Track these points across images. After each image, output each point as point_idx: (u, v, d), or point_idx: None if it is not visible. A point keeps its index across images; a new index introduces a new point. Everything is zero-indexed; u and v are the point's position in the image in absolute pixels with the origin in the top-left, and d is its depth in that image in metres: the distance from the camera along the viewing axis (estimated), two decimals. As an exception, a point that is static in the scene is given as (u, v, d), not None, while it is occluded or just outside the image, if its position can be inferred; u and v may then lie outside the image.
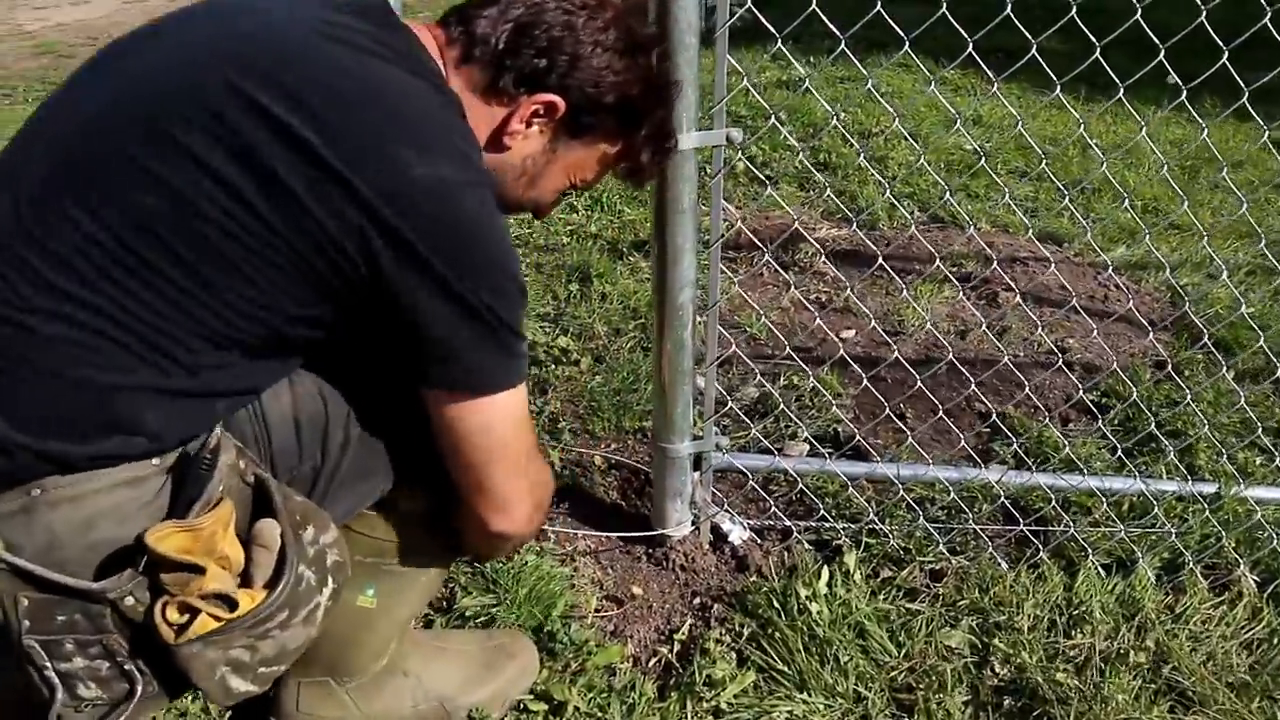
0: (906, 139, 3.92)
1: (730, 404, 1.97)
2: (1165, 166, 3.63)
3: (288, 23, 1.02)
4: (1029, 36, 1.46)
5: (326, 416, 1.07)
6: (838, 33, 1.45)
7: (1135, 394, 1.99)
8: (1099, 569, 1.68)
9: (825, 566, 1.65)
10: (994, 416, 2.02)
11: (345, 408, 1.09)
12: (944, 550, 1.71)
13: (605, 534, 1.78)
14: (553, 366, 2.32)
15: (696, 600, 1.65)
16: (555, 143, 1.18)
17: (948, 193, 2.91)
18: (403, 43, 1.06)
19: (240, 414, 1.03)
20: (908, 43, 1.45)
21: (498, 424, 1.08)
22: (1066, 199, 3.44)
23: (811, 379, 2.21)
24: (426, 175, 0.97)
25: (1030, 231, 3.17)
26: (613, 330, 2.49)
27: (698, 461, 1.72)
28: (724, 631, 1.57)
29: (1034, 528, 1.76)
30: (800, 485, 1.83)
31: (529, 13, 1.11)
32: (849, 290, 2.67)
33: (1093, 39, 1.45)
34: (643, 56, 1.18)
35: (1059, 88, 1.59)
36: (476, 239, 1.00)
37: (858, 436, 1.98)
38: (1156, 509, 1.77)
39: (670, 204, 1.45)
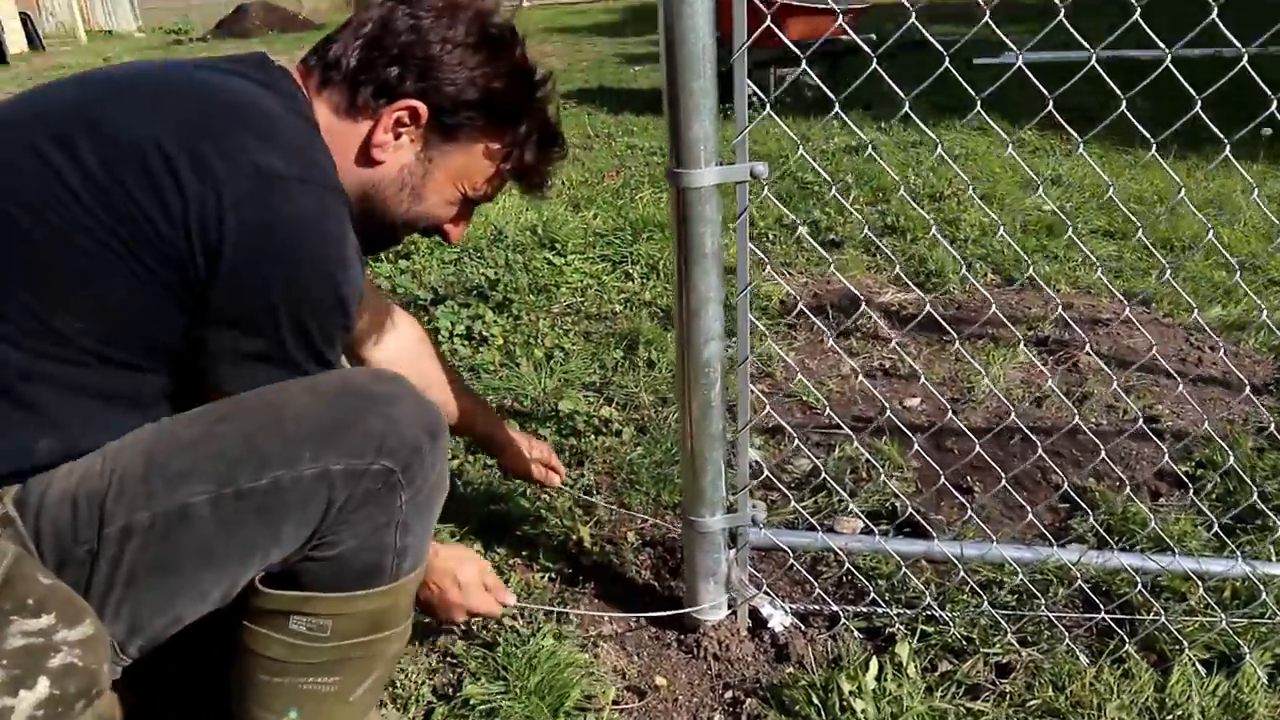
0: (979, 202, 3.76)
1: (766, 473, 1.81)
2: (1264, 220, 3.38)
3: (157, 68, 1.09)
4: (1118, 92, 1.32)
5: (105, 496, 0.94)
6: (900, 93, 1.33)
7: (1233, 461, 1.76)
8: (1197, 665, 1.45)
9: (875, 657, 1.46)
10: (1071, 490, 1.81)
11: (142, 491, 0.94)
12: (1013, 641, 1.50)
13: (631, 614, 1.63)
14: (592, 437, 2.19)
15: (729, 694, 1.47)
16: (429, 150, 1.17)
17: (1023, 253, 2.73)
18: (262, 69, 1.09)
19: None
20: (979, 102, 1.33)
21: None
22: (1157, 258, 3.21)
23: (866, 451, 2.03)
24: (259, 164, 0.97)
25: (1114, 293, 2.96)
26: (659, 400, 2.36)
27: (735, 538, 1.56)
28: (756, 731, 1.39)
29: (1119, 616, 1.55)
30: (849, 565, 1.65)
31: (376, 27, 1.12)
32: (913, 356, 2.50)
33: (1191, 92, 1.30)
34: (503, 50, 1.16)
35: (1154, 146, 1.43)
36: (302, 243, 0.99)
37: (912, 510, 1.79)
38: (1264, 595, 1.54)
39: (691, 248, 1.33)
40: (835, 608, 1.60)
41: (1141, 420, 2.14)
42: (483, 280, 3.08)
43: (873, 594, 1.60)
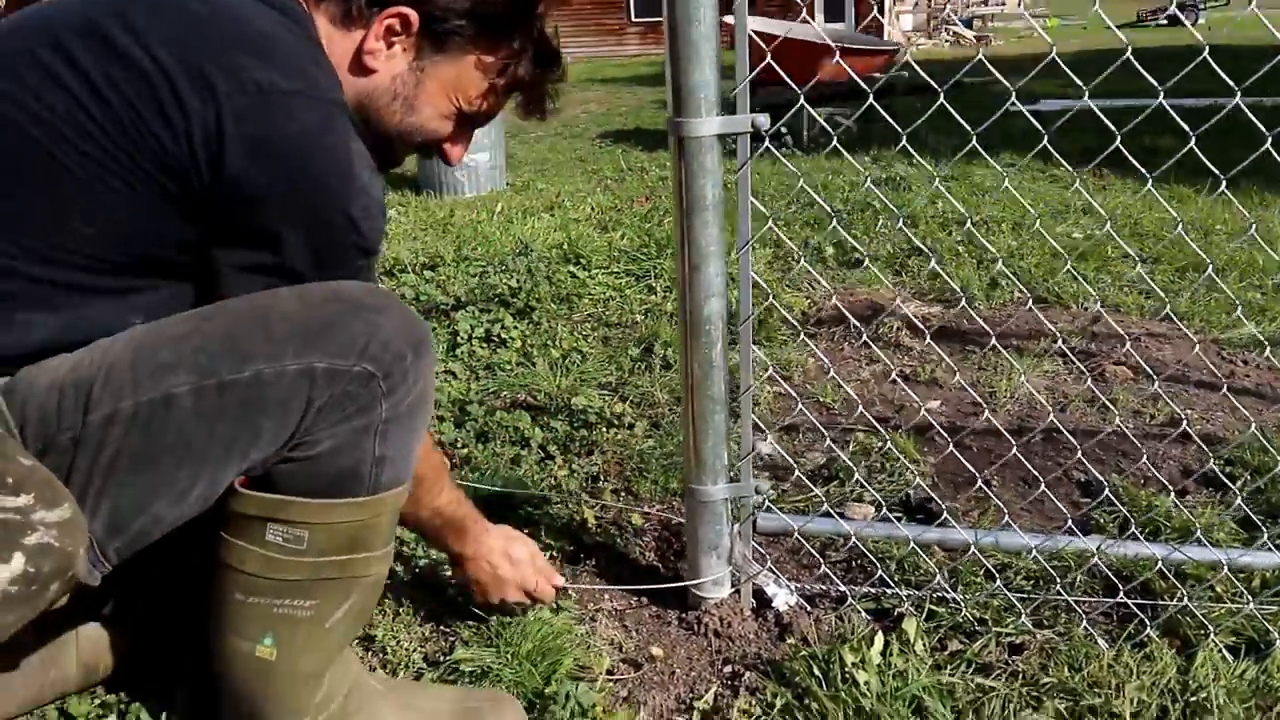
0: (1009, 227, 3.73)
1: (772, 450, 1.77)
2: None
3: None
4: (1189, 130, 1.34)
5: (92, 384, 0.94)
6: (918, 135, 1.32)
7: (1276, 458, 1.69)
8: (1223, 650, 1.38)
9: (881, 634, 1.40)
10: (1093, 482, 1.75)
11: (128, 380, 0.94)
12: (1026, 622, 1.44)
13: (630, 589, 1.58)
14: (604, 429, 2.16)
15: (728, 668, 1.42)
16: (421, 59, 1.16)
17: (1056, 268, 2.69)
18: None
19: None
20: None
21: None
22: (1187, 280, 3.14)
23: (886, 442, 1.98)
24: (259, 80, 0.96)
25: (1145, 312, 2.89)
26: (674, 398, 2.32)
27: (739, 513, 1.52)
28: (754, 702, 1.33)
29: (1140, 601, 1.48)
30: (858, 543, 1.59)
31: None
32: (934, 363, 2.45)
33: (1262, 129, 1.28)
34: None
35: (1221, 184, 1.41)
36: (306, 156, 0.98)
37: (928, 495, 1.73)
38: (1296, 584, 1.46)
39: (692, 200, 1.31)
40: (843, 588, 1.55)
41: (1169, 425, 2.07)
42: (505, 289, 3.09)
43: (880, 573, 1.54)
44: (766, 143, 1.38)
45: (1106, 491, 1.72)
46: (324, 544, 1.06)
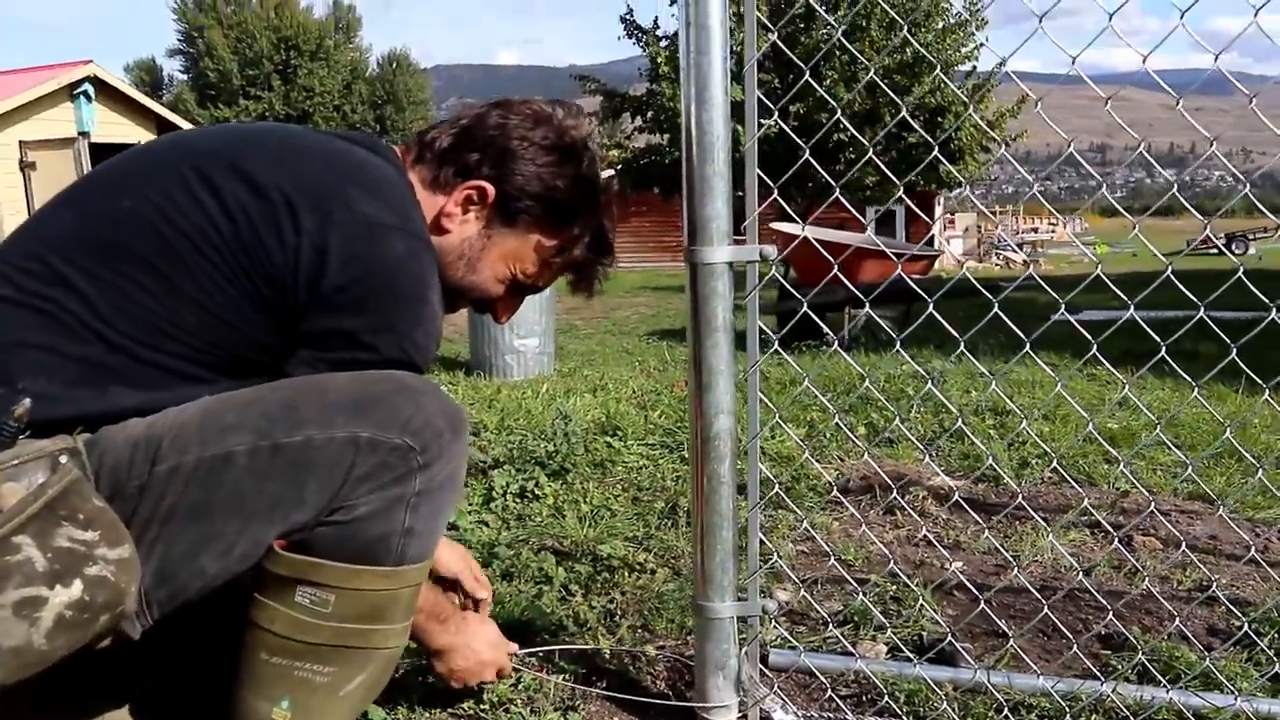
0: (1042, 415, 3.78)
1: (781, 604, 1.79)
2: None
3: (290, 129, 1.29)
4: (1227, 340, 1.44)
5: (162, 440, 1.05)
6: (956, 334, 1.47)
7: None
8: (1242, 791, 1.33)
9: (886, 758, 1.39)
10: (1117, 638, 1.73)
11: (195, 437, 1.06)
12: (1038, 755, 1.42)
13: (640, 709, 1.58)
14: (626, 573, 2.20)
15: (731, 787, 1.41)
16: (490, 229, 1.34)
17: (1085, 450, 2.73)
18: (374, 142, 1.30)
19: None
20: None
21: None
22: (1224, 465, 3.14)
23: (905, 589, 1.99)
24: (367, 213, 1.14)
25: (1178, 493, 2.89)
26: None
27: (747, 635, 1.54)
28: (754, 816, 1.31)
29: (1156, 741, 1.45)
30: (871, 685, 1.59)
31: (471, 120, 1.34)
32: (959, 530, 2.46)
33: None
34: (571, 158, 1.35)
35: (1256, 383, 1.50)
36: (393, 277, 1.16)
37: (949, 639, 1.73)
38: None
39: (703, 322, 1.43)
40: (851, 717, 1.54)
41: (1197, 590, 2.05)
42: (543, 452, 3.19)
43: (887, 697, 1.53)
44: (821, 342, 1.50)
45: (1128, 640, 1.71)
46: (347, 610, 1.12)
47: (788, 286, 5.10)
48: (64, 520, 0.95)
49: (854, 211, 1.55)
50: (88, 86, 14.11)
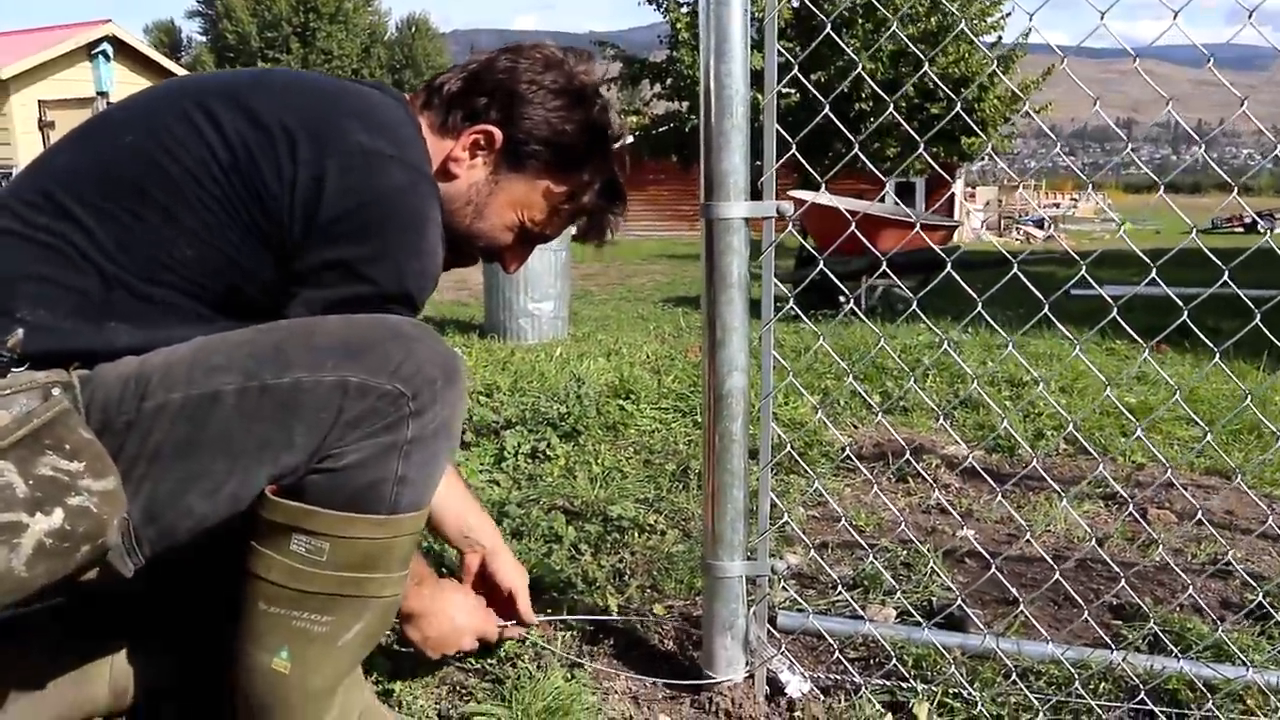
0: (1059, 388, 3.74)
1: (790, 567, 1.78)
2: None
3: (296, 71, 1.30)
4: (1254, 309, 1.42)
5: (151, 377, 1.05)
6: (974, 295, 1.44)
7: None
8: (1251, 760, 1.33)
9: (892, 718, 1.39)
10: (1130, 609, 1.72)
11: (183, 375, 1.05)
12: (1045, 720, 1.41)
13: (647, 678, 1.58)
14: (636, 534, 2.20)
15: (736, 745, 1.41)
16: (497, 174, 1.32)
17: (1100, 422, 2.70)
18: (382, 85, 1.29)
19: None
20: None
21: None
22: (1244, 442, 3.11)
23: (916, 555, 1.98)
24: (364, 143, 1.13)
25: (1194, 467, 2.87)
26: (709, 515, 2.35)
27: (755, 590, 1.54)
28: (758, 773, 1.32)
29: (1165, 709, 1.44)
30: (878, 648, 1.58)
31: (481, 64, 1.32)
32: (971, 499, 2.45)
33: None
34: (581, 102, 1.32)
35: None
36: (390, 206, 1.14)
37: (959, 605, 1.72)
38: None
39: (718, 278, 1.41)
40: (858, 679, 1.53)
41: (1211, 563, 2.04)
42: (555, 414, 3.19)
43: (895, 660, 1.53)
44: (845, 309, 1.48)
45: (1141, 610, 1.70)
46: (343, 559, 1.12)
47: (807, 246, 5.05)
48: (49, 449, 0.95)
49: (878, 173, 1.52)
50: (106, 46, 14.08)
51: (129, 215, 1.09)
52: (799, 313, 1.63)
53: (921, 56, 1.34)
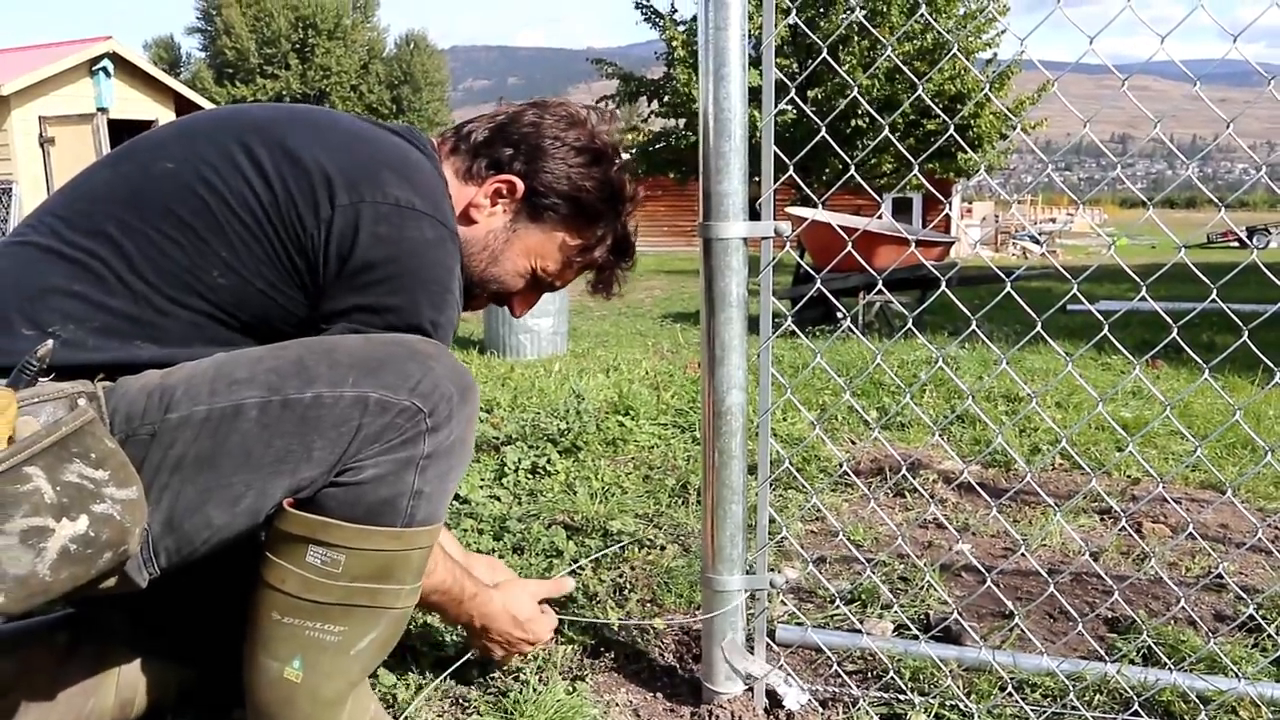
0: (1054, 402, 3.77)
1: (788, 581, 1.80)
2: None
3: (332, 113, 1.32)
4: (1242, 326, 1.43)
5: (176, 390, 1.08)
6: (970, 314, 1.47)
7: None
8: (1243, 771, 1.35)
9: (889, 731, 1.41)
10: (1124, 621, 1.74)
11: (206, 389, 1.08)
12: (1040, 732, 1.43)
13: (647, 691, 1.60)
14: (636, 549, 2.22)
15: (736, 757, 1.43)
16: (515, 222, 1.38)
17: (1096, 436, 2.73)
18: (411, 133, 1.33)
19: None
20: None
21: None
22: (1237, 456, 3.14)
23: (913, 569, 2.00)
24: (399, 196, 1.18)
25: (1190, 482, 2.89)
26: (708, 530, 2.38)
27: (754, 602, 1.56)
28: (758, 784, 1.33)
29: (1158, 721, 1.46)
30: (876, 662, 1.60)
31: (507, 117, 1.38)
32: (968, 513, 2.47)
33: None
34: (601, 161, 1.38)
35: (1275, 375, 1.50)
36: (420, 260, 1.19)
37: (956, 618, 1.74)
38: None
39: (716, 297, 1.44)
40: (856, 691, 1.55)
41: (1205, 576, 2.06)
42: (555, 429, 3.21)
43: (892, 673, 1.55)
44: (844, 325, 1.51)
45: (1135, 622, 1.72)
46: (357, 570, 1.14)
47: (804, 265, 5.09)
48: (75, 457, 0.97)
49: (873, 193, 1.55)
50: (107, 63, 14.17)
51: (163, 237, 1.13)
52: (796, 329, 1.66)
53: (915, 80, 1.37)
